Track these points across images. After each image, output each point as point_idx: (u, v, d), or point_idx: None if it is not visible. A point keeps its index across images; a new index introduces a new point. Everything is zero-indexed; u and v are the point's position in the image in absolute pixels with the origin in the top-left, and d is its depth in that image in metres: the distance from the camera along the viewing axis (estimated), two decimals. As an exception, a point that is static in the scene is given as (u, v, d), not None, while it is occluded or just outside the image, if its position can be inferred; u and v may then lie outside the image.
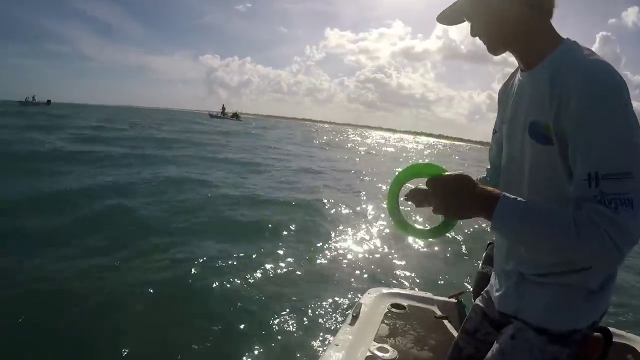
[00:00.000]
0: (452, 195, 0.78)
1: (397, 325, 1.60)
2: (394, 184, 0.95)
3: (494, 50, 0.88)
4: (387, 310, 1.73)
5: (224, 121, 59.87)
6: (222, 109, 75.02)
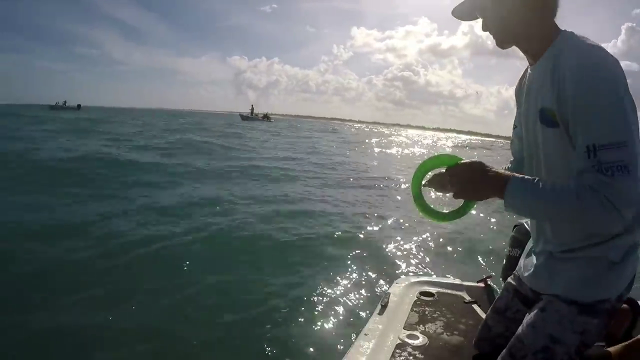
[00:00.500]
0: (468, 180, 0.88)
1: (427, 312, 1.60)
2: (418, 171, 1.05)
3: (501, 44, 0.96)
4: (416, 299, 1.73)
5: (257, 122, 55.34)
6: (251, 109, 71.14)
